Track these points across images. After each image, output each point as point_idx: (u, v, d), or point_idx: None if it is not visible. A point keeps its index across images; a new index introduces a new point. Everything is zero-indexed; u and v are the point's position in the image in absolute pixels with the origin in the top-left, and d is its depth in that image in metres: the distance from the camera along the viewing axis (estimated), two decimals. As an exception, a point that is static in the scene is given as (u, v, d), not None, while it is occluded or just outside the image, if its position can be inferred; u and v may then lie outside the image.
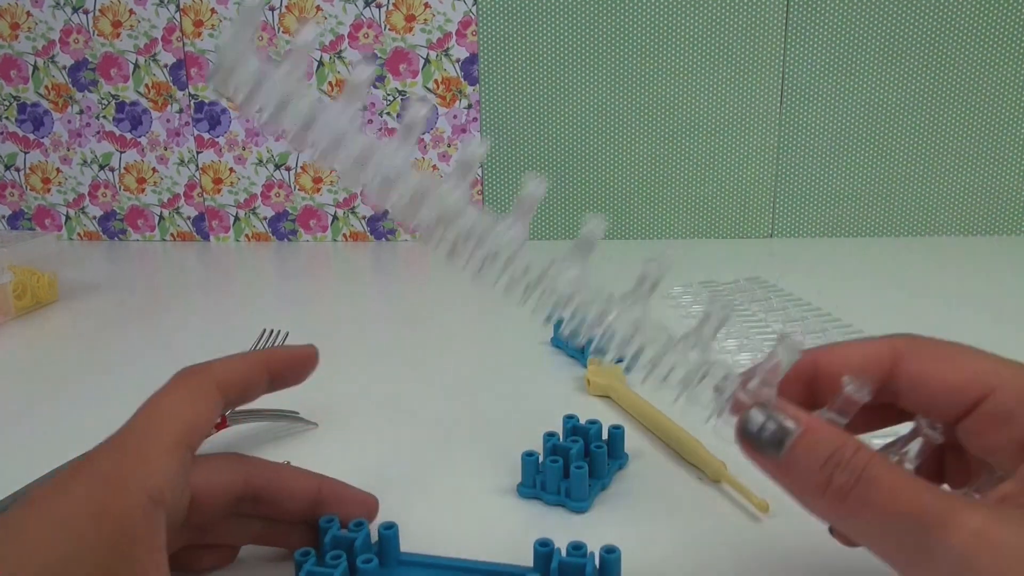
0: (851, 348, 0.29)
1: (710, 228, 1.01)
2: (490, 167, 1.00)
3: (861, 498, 0.24)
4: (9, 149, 1.06)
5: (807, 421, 0.25)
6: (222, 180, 1.04)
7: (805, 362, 0.29)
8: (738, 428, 0.26)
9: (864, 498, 0.24)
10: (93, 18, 0.99)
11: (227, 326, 0.72)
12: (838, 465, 0.24)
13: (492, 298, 0.82)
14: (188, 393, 0.30)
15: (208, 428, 0.30)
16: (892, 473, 0.24)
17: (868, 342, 0.29)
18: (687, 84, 0.96)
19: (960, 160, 0.96)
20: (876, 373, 0.28)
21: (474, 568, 0.33)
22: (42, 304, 0.76)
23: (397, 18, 0.96)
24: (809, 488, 0.25)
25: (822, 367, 0.29)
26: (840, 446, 0.25)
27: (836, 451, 0.24)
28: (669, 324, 0.30)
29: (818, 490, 0.25)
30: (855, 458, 0.24)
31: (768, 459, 0.26)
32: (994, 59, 0.92)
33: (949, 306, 0.71)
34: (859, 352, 0.29)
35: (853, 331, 0.63)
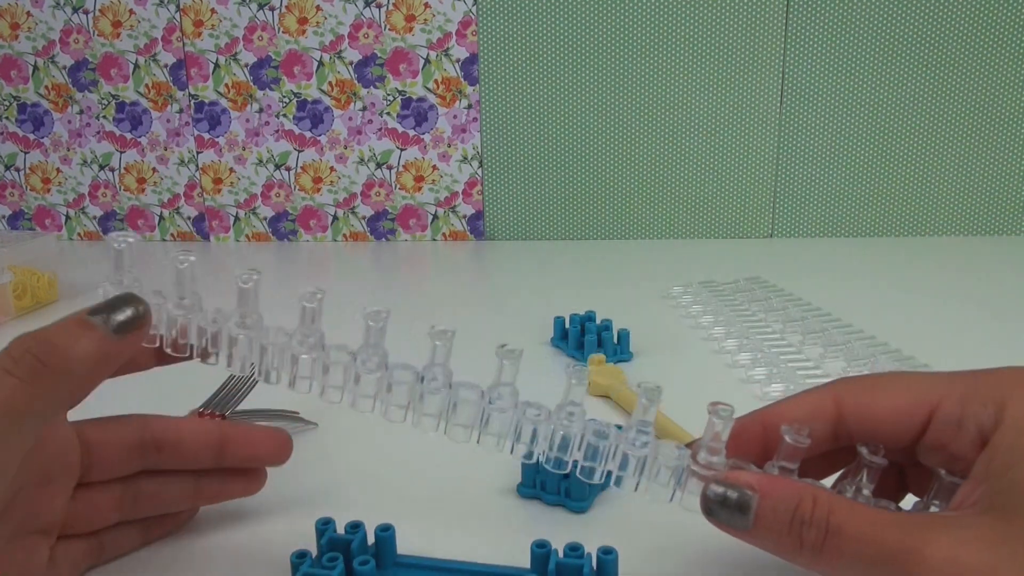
0: (794, 402, 0.30)
1: (710, 228, 1.01)
2: (490, 167, 1.00)
3: (833, 550, 0.25)
4: (9, 149, 1.06)
5: (761, 485, 0.26)
6: (222, 180, 1.04)
7: (753, 423, 0.30)
8: (703, 508, 0.27)
9: (836, 549, 0.25)
10: (93, 18, 0.99)
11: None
12: (804, 523, 0.25)
13: (492, 298, 0.82)
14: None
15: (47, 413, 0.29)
16: (855, 518, 0.25)
17: (809, 393, 0.30)
18: (687, 84, 0.96)
19: (960, 160, 0.96)
20: (825, 421, 0.29)
21: (471, 570, 0.33)
22: (42, 304, 0.76)
23: (397, 18, 0.96)
24: (785, 549, 0.26)
25: (769, 425, 0.30)
26: (799, 501, 0.25)
27: (797, 508, 0.25)
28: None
29: (793, 549, 0.26)
30: (816, 512, 0.25)
31: (739, 531, 0.27)
32: (994, 59, 0.92)
33: (949, 306, 0.71)
34: (802, 405, 0.30)
35: (853, 331, 0.63)
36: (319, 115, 1.00)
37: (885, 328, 0.63)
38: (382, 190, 1.02)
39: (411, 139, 1.00)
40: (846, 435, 0.29)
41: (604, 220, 1.01)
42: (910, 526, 0.24)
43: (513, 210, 1.02)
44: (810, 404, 0.30)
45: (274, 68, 0.99)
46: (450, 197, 1.02)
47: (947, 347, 0.61)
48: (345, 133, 1.00)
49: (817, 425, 0.29)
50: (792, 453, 0.28)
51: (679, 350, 0.62)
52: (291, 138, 1.01)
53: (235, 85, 1.00)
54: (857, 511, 0.25)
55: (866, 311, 0.69)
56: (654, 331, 0.64)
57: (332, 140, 1.01)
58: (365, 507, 0.39)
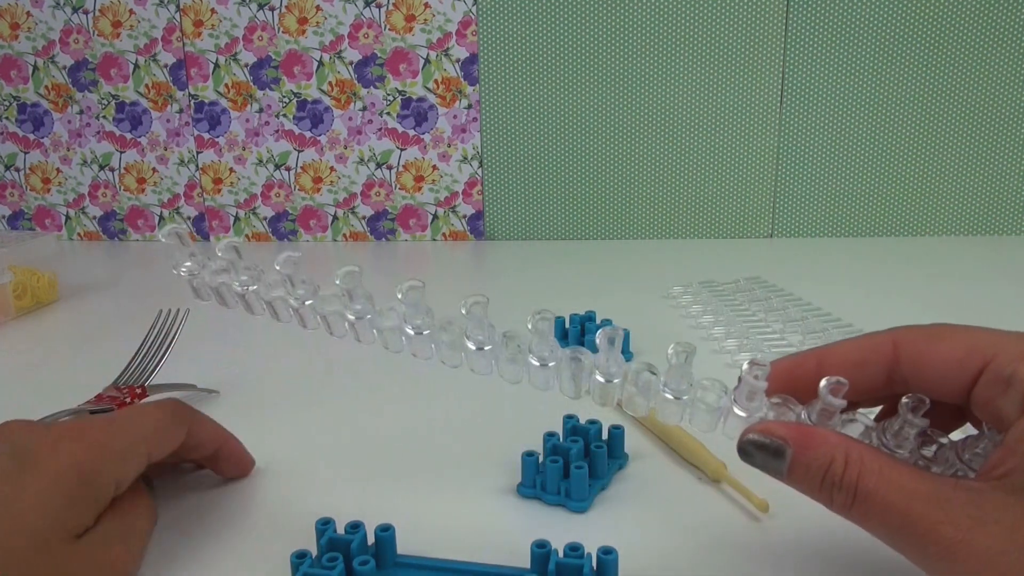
0: (853, 343, 0.30)
1: (710, 228, 1.01)
2: (490, 167, 1.00)
3: (862, 513, 0.25)
4: (9, 149, 1.06)
5: (796, 438, 0.27)
6: (222, 180, 1.04)
7: (809, 361, 0.30)
8: (740, 451, 0.28)
9: (865, 512, 0.25)
10: (93, 18, 0.99)
11: (227, 326, 0.72)
12: (833, 485, 0.26)
13: (492, 298, 0.82)
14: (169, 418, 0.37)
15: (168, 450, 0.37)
16: (884, 485, 0.25)
17: (868, 337, 0.30)
18: (687, 84, 0.96)
19: (960, 160, 0.96)
20: (880, 364, 0.29)
21: (471, 570, 0.33)
22: (42, 304, 0.76)
23: (397, 18, 0.96)
24: (818, 502, 0.27)
25: (825, 363, 0.30)
26: (830, 461, 0.26)
27: (829, 469, 0.26)
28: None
29: (826, 504, 0.26)
30: (847, 474, 0.26)
31: (774, 475, 0.27)
32: (994, 59, 0.92)
33: (949, 306, 0.71)
34: (862, 345, 0.30)
35: (853, 331, 0.63)
36: (319, 115, 1.00)
37: (885, 328, 0.63)
38: (382, 190, 1.02)
39: (411, 139, 1.00)
40: (901, 380, 0.29)
41: (604, 220, 1.01)
42: (935, 501, 0.24)
43: (513, 210, 1.02)
44: (868, 345, 0.30)
45: (274, 68, 0.99)
46: (450, 197, 1.02)
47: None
48: (345, 133, 1.00)
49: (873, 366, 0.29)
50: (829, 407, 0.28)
51: (679, 350, 0.62)
52: (291, 138, 1.01)
53: (235, 85, 1.00)
54: (886, 477, 0.25)
55: (866, 311, 0.69)
56: (654, 331, 0.64)
57: (332, 140, 1.01)
58: (365, 507, 0.39)
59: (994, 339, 0.28)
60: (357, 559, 0.31)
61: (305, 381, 0.58)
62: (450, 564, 0.33)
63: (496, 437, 0.47)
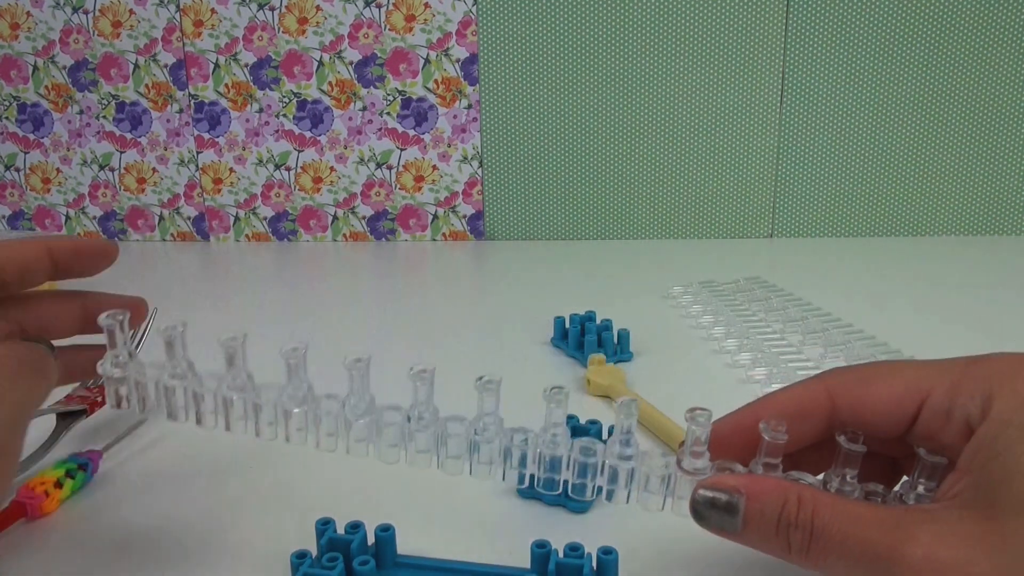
0: (785, 395, 0.31)
1: (710, 228, 1.01)
2: (490, 167, 1.00)
3: (819, 551, 0.25)
4: (9, 149, 1.06)
5: (747, 486, 0.27)
6: (222, 180, 1.04)
7: (746, 417, 0.30)
8: (692, 512, 0.28)
9: (823, 550, 0.25)
10: (93, 18, 0.99)
11: (227, 326, 0.72)
12: (790, 525, 0.26)
13: (492, 298, 0.82)
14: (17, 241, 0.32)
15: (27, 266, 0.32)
16: (838, 517, 0.25)
17: (800, 385, 0.30)
18: (687, 84, 0.96)
19: (960, 160, 0.96)
20: (818, 413, 0.30)
21: (471, 570, 0.33)
22: (42, 304, 0.76)
23: (397, 18, 0.96)
24: (775, 550, 0.26)
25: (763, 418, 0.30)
26: (784, 502, 0.26)
27: (783, 510, 0.26)
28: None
29: (783, 552, 0.26)
30: (801, 513, 0.25)
31: (729, 533, 0.27)
32: (994, 59, 0.92)
33: (949, 306, 0.71)
34: (794, 396, 0.30)
35: (853, 331, 0.63)
36: (319, 115, 1.00)
37: (885, 328, 0.63)
38: (382, 190, 1.02)
39: (411, 139, 1.00)
40: (839, 425, 0.30)
41: (604, 220, 1.01)
42: (891, 524, 0.24)
43: (513, 210, 1.02)
44: (802, 396, 0.30)
45: (274, 68, 0.99)
46: (450, 197, 1.02)
47: (947, 347, 0.61)
48: (345, 133, 1.00)
49: (811, 417, 0.29)
50: (773, 449, 0.28)
51: (679, 350, 0.62)
52: (291, 138, 1.01)
53: (235, 85, 1.00)
54: (840, 509, 0.25)
55: (866, 311, 0.69)
56: (654, 331, 0.64)
57: (332, 140, 1.01)
58: (365, 507, 0.39)
59: (925, 373, 0.28)
60: (357, 559, 0.32)
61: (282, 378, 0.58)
62: (450, 564, 0.33)
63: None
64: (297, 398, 0.33)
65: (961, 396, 0.27)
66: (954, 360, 0.28)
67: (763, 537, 0.26)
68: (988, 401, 0.26)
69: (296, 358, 0.33)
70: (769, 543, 0.26)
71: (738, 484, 0.27)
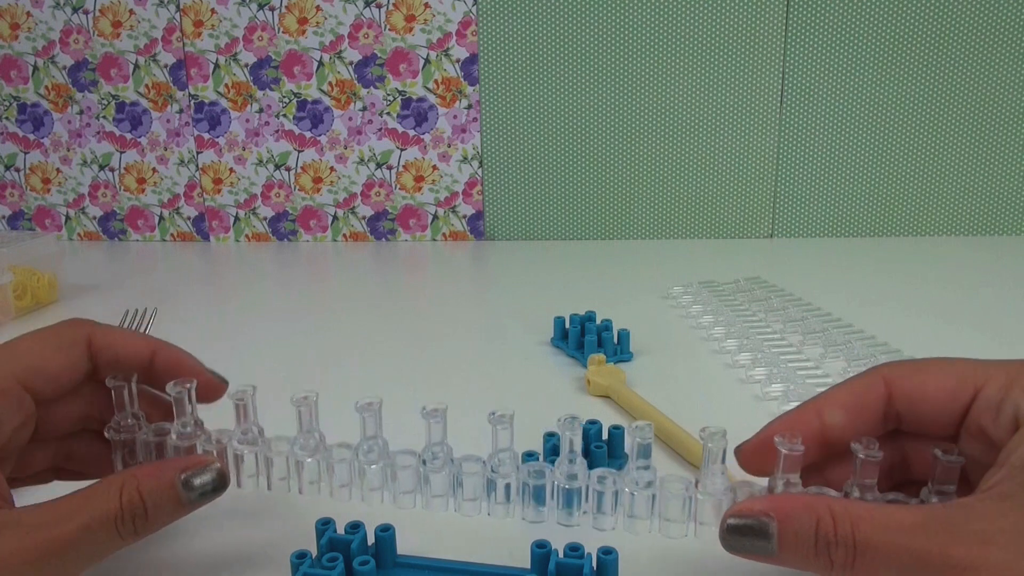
0: (846, 388, 0.30)
1: (710, 228, 1.01)
2: (490, 167, 1.00)
3: (867, 564, 0.24)
4: (9, 149, 1.06)
5: (776, 509, 0.26)
6: (222, 180, 1.04)
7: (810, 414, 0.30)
8: (724, 544, 0.27)
9: (869, 562, 0.24)
10: (93, 18, 0.99)
11: (227, 326, 0.72)
12: (829, 544, 0.25)
13: (492, 298, 0.82)
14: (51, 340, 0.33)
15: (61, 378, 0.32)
16: (880, 529, 0.24)
17: (860, 379, 0.30)
18: (687, 84, 0.96)
19: (960, 160, 0.96)
20: (876, 403, 0.29)
21: (471, 570, 0.33)
22: (42, 304, 0.76)
23: (397, 18, 0.96)
24: (818, 569, 0.26)
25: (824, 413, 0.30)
26: (818, 520, 0.25)
27: (818, 528, 0.25)
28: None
29: (825, 569, 0.25)
30: (839, 529, 0.25)
31: (766, 557, 0.26)
32: (994, 59, 0.92)
33: (949, 306, 0.71)
34: (854, 390, 0.30)
35: (853, 331, 0.63)
36: (319, 115, 1.00)
37: (885, 328, 0.63)
38: (382, 190, 1.02)
39: (411, 139, 1.00)
40: (895, 417, 0.30)
41: (604, 220, 1.01)
42: (935, 527, 0.24)
43: (513, 210, 1.02)
44: (863, 386, 0.30)
45: (274, 68, 0.99)
46: (450, 197, 1.02)
47: (947, 347, 0.61)
48: (345, 133, 1.00)
49: (870, 407, 0.29)
50: (792, 463, 0.28)
51: (679, 350, 0.62)
52: (291, 138, 1.01)
53: (235, 85, 1.00)
54: (880, 519, 0.25)
55: (866, 311, 0.69)
56: (654, 331, 0.64)
57: (332, 140, 1.01)
58: (365, 507, 0.39)
59: (981, 368, 0.28)
60: (357, 559, 0.31)
61: (292, 378, 0.58)
62: (450, 564, 0.33)
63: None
64: (309, 447, 0.33)
65: (1014, 391, 0.26)
66: (1012, 360, 0.28)
67: (802, 557, 0.26)
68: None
69: (307, 406, 0.33)
70: (809, 562, 0.26)
71: (765, 507, 0.26)
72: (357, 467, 0.32)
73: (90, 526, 0.28)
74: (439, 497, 0.32)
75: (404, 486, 0.32)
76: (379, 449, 0.32)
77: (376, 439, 0.32)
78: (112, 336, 0.34)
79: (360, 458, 0.32)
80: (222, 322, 0.73)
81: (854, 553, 0.24)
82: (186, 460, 0.30)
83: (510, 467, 0.31)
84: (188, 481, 0.30)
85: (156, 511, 0.29)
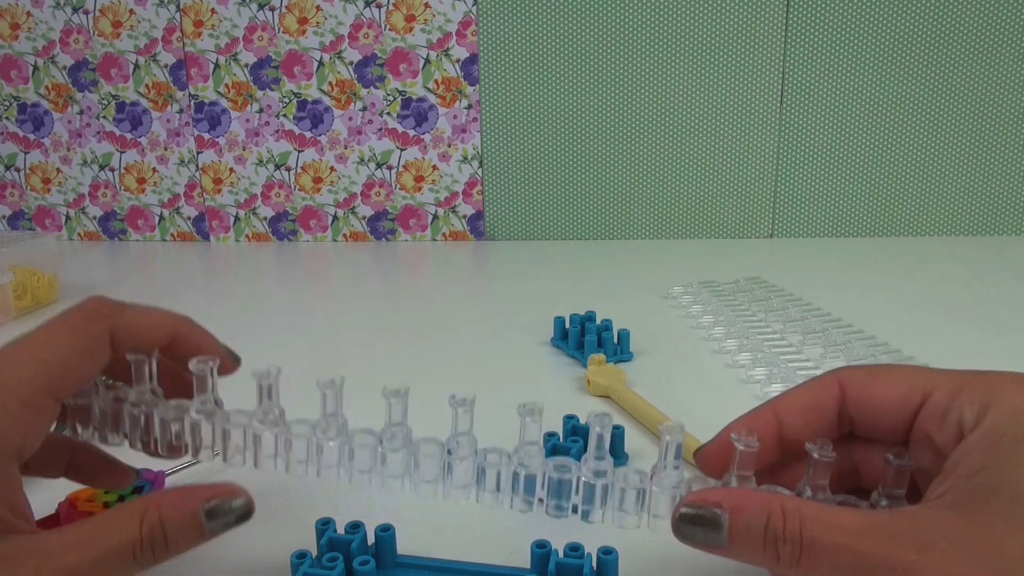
0: (804, 389, 0.31)
1: (710, 228, 1.01)
2: (490, 167, 1.00)
3: (811, 563, 0.25)
4: (9, 149, 1.06)
5: (729, 501, 0.27)
6: (222, 180, 1.04)
7: (765, 414, 0.31)
8: (675, 531, 0.28)
9: (814, 559, 0.25)
10: (93, 18, 0.99)
11: (227, 326, 0.72)
12: (777, 538, 0.25)
13: (492, 298, 0.82)
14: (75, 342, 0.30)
15: (85, 380, 0.30)
16: (827, 528, 0.25)
17: (816, 381, 0.31)
18: (687, 84, 0.96)
19: (960, 160, 0.96)
20: (831, 405, 0.30)
21: (471, 570, 0.33)
22: (42, 304, 0.76)
23: (397, 18, 0.96)
24: (763, 563, 0.26)
25: (782, 413, 0.31)
26: (768, 515, 0.26)
27: (768, 522, 0.26)
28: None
29: (771, 564, 0.26)
30: (788, 525, 0.25)
31: (716, 548, 0.27)
32: (994, 59, 0.92)
33: (949, 306, 0.71)
34: (811, 390, 0.31)
35: (853, 331, 0.63)
36: (319, 115, 1.00)
37: (885, 328, 0.63)
38: (382, 190, 1.02)
39: (411, 139, 1.00)
40: (848, 420, 0.30)
41: (604, 220, 1.01)
42: (881, 531, 0.24)
43: (513, 210, 1.02)
44: (819, 388, 0.30)
45: (274, 68, 0.99)
46: (450, 197, 1.02)
47: (947, 347, 0.61)
48: (345, 133, 1.00)
49: (824, 409, 0.30)
50: (746, 460, 0.28)
51: (679, 350, 0.62)
52: (291, 138, 1.01)
53: (235, 85, 1.00)
54: (827, 519, 0.25)
55: (866, 311, 0.69)
56: (654, 331, 0.64)
57: (332, 140, 1.01)
58: (365, 507, 0.39)
59: (931, 376, 0.29)
60: (357, 559, 0.31)
61: (292, 378, 0.58)
62: (450, 564, 0.33)
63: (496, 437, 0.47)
64: (268, 421, 0.32)
65: (960, 400, 0.27)
66: (962, 371, 0.29)
67: (750, 550, 0.26)
68: (984, 409, 0.26)
69: (269, 379, 0.32)
70: (756, 556, 0.26)
71: (720, 499, 0.27)
72: (315, 444, 0.32)
73: (107, 555, 0.27)
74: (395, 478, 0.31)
75: (361, 465, 0.32)
76: (337, 426, 0.32)
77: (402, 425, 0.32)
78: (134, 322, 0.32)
79: (319, 435, 0.32)
80: (222, 322, 0.73)
81: (800, 549, 0.25)
82: (211, 489, 0.29)
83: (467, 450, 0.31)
84: (213, 511, 0.29)
85: (177, 541, 0.28)
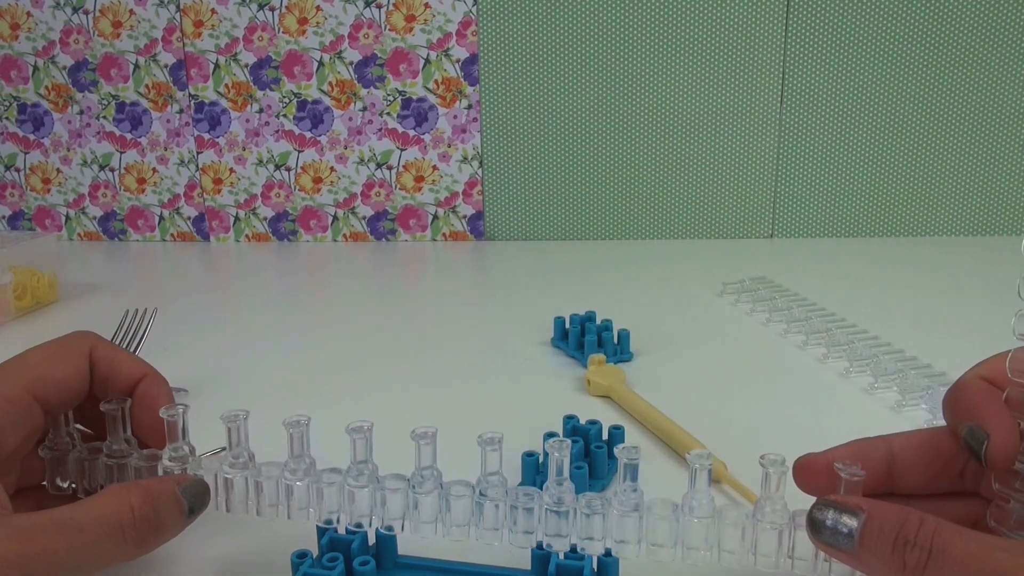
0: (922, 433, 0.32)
1: (710, 228, 1.01)
2: (490, 167, 1.00)
3: (937, 570, 0.25)
4: (9, 149, 1.06)
5: (868, 506, 0.27)
6: (222, 180, 1.04)
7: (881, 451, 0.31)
8: (809, 527, 0.28)
9: (940, 570, 0.25)
10: (93, 18, 0.99)
11: (227, 326, 0.72)
12: (907, 543, 0.25)
13: (492, 298, 0.82)
14: (57, 351, 0.35)
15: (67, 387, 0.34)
16: (960, 539, 0.25)
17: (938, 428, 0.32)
18: (687, 84, 0.96)
19: (960, 160, 0.96)
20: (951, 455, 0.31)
21: (472, 571, 0.33)
22: (42, 304, 0.76)
23: (397, 18, 0.96)
24: (888, 570, 0.26)
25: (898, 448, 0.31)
26: (904, 522, 0.26)
27: (902, 528, 0.26)
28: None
29: (896, 570, 0.26)
30: (921, 533, 0.25)
31: (844, 552, 0.27)
32: (994, 59, 0.92)
33: (950, 306, 0.71)
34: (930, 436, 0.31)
35: (856, 331, 0.63)
36: (319, 115, 1.00)
37: (886, 328, 0.63)
38: (382, 190, 1.02)
39: (411, 139, 1.00)
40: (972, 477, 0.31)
41: (604, 220, 1.01)
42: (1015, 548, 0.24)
43: (513, 210, 1.02)
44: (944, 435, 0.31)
45: (274, 68, 0.99)
46: (450, 197, 1.02)
47: (947, 347, 0.61)
48: (345, 133, 1.00)
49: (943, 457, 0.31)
50: (851, 488, 0.28)
51: (679, 350, 0.62)
52: (291, 138, 1.01)
53: (235, 85, 1.00)
54: (962, 533, 0.25)
55: (867, 311, 0.69)
56: (654, 331, 0.64)
57: (332, 140, 1.01)
58: (365, 507, 0.39)
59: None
60: (357, 559, 0.31)
61: (283, 378, 0.58)
62: (450, 564, 0.33)
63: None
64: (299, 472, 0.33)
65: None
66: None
67: (877, 555, 0.26)
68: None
69: (300, 428, 0.33)
70: (883, 561, 0.26)
71: (859, 502, 0.27)
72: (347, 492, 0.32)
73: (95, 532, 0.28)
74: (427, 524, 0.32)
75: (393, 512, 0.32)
76: (369, 473, 0.32)
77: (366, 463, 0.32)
78: (110, 353, 0.36)
79: (350, 482, 0.32)
80: (222, 322, 0.73)
81: (928, 555, 0.25)
82: (177, 476, 0.32)
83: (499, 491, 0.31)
84: (185, 488, 0.31)
85: (165, 518, 0.30)
